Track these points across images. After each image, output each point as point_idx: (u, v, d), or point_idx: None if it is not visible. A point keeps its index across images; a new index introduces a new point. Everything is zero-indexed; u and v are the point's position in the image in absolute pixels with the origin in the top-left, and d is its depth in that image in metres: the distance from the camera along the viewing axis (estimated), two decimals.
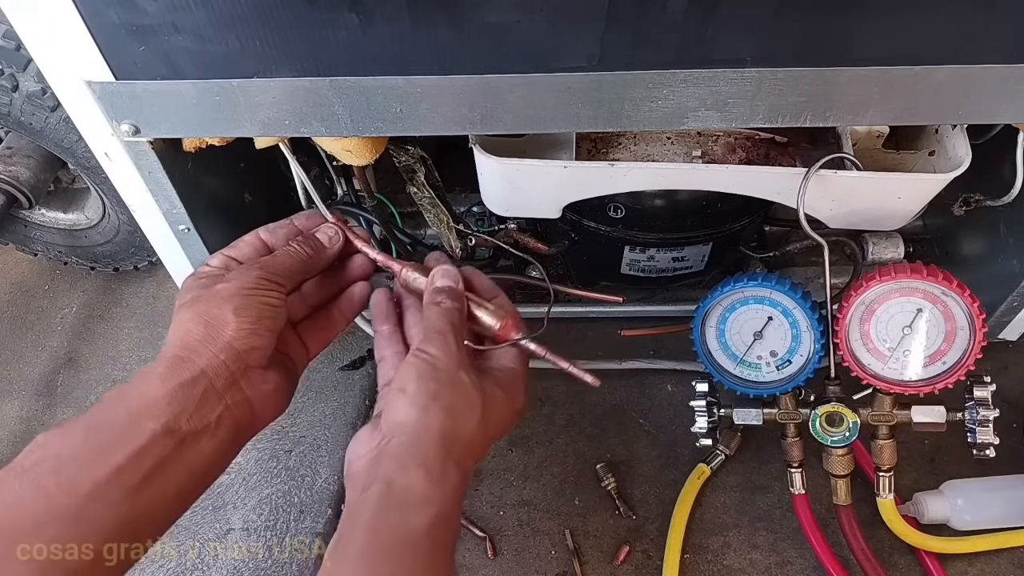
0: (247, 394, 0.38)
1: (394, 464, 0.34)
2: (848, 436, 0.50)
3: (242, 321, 0.37)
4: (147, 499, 0.33)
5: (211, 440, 0.36)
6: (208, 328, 0.37)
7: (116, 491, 0.32)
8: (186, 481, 0.35)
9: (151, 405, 0.34)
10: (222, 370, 0.36)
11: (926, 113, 0.39)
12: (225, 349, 0.36)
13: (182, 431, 0.34)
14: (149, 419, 0.34)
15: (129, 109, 0.40)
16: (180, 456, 0.34)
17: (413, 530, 0.33)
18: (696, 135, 0.51)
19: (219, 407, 0.36)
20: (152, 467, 0.33)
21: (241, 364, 0.37)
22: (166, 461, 0.33)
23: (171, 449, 0.34)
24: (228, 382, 0.36)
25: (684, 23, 0.35)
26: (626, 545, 0.56)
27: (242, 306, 0.37)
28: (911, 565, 0.54)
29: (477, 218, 0.61)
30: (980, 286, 0.48)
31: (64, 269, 0.78)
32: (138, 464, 0.32)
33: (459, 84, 0.38)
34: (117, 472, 0.32)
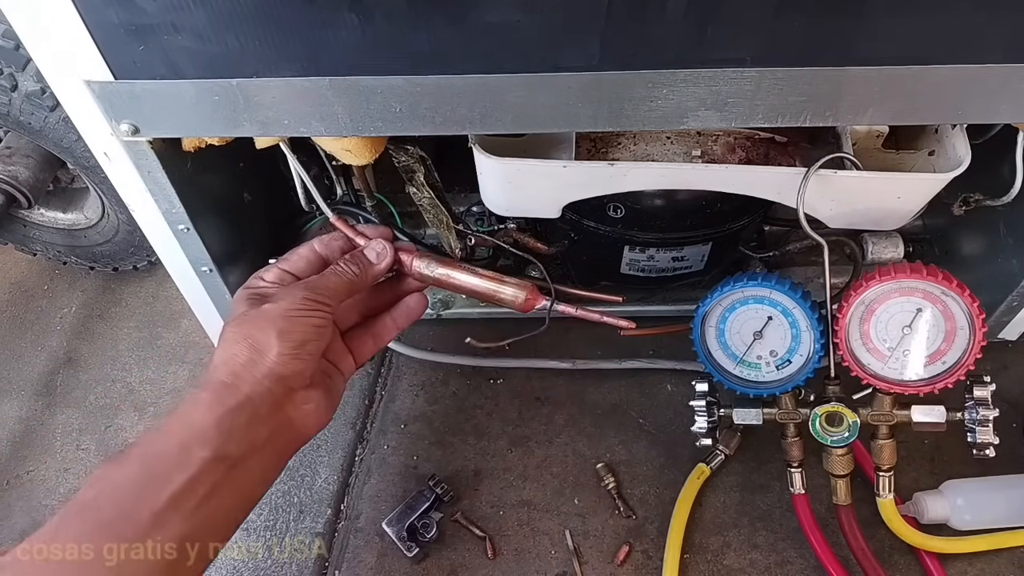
0: (290, 415, 0.39)
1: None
2: (848, 436, 0.50)
3: (284, 346, 0.38)
4: (203, 517, 0.35)
5: (260, 460, 0.37)
6: (252, 352, 0.38)
7: (174, 517, 0.33)
8: (239, 499, 0.37)
9: (200, 433, 0.36)
10: (267, 396, 0.38)
11: (926, 113, 0.39)
12: (269, 375, 0.38)
13: (232, 456, 0.36)
14: (200, 447, 0.35)
15: (128, 109, 0.40)
16: (232, 478, 0.36)
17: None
18: (696, 135, 0.51)
19: (265, 431, 0.37)
20: (206, 492, 0.35)
21: (285, 387, 0.38)
22: (219, 484, 0.35)
23: (223, 474, 0.35)
24: (272, 407, 0.38)
25: (684, 23, 0.35)
26: (626, 545, 0.56)
27: (286, 329, 0.38)
28: (911, 565, 0.54)
29: (477, 218, 0.61)
30: (980, 286, 0.48)
31: (63, 269, 0.78)
32: (193, 490, 0.34)
33: (459, 84, 0.38)
34: (173, 500, 0.34)
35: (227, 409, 0.36)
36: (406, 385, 0.66)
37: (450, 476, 0.60)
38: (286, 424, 0.39)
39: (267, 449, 0.38)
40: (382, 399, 0.66)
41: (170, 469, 0.34)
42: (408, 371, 0.67)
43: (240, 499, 0.37)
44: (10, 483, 0.64)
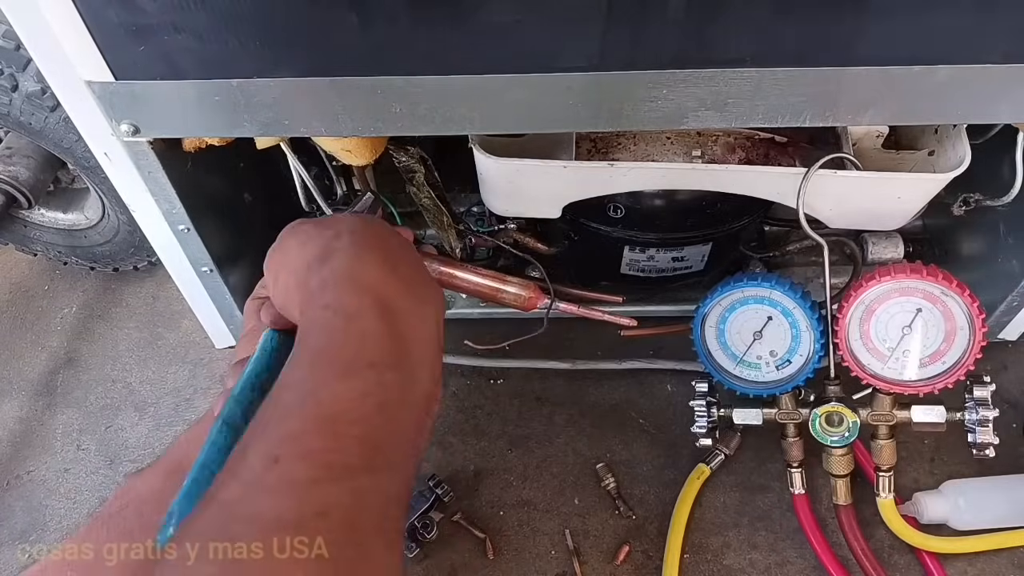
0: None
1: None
2: (848, 436, 0.50)
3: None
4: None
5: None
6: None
7: None
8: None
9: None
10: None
11: (926, 113, 0.39)
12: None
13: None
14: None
15: (129, 109, 0.40)
16: None
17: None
18: (696, 135, 0.51)
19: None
20: None
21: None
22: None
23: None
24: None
25: (684, 23, 0.35)
26: (626, 545, 0.56)
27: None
28: (911, 565, 0.54)
29: (477, 218, 0.61)
30: (980, 286, 0.48)
31: (64, 269, 0.78)
32: None
33: (459, 84, 0.38)
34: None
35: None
36: None
37: (450, 476, 0.60)
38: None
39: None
40: None
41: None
42: None
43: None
44: (10, 483, 0.64)
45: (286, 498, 0.23)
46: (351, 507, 0.23)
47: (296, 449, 0.24)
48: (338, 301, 0.28)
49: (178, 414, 0.67)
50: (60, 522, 0.62)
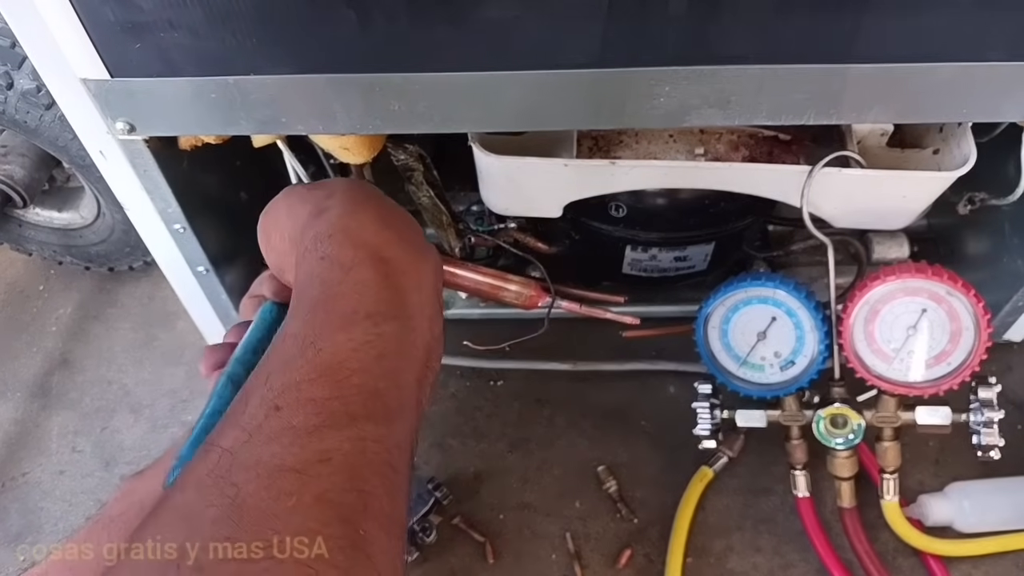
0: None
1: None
2: (852, 438, 0.49)
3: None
4: None
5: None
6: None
7: None
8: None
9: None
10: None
11: (931, 111, 0.39)
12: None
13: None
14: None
15: (124, 107, 0.39)
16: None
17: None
18: (698, 133, 0.51)
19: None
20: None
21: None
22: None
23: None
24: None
25: (686, 19, 0.35)
26: (628, 548, 0.55)
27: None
28: (915, 568, 0.53)
29: (476, 217, 0.60)
30: (985, 286, 0.47)
31: (59, 269, 0.77)
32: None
33: (458, 81, 0.37)
34: None
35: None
36: None
37: (449, 479, 0.59)
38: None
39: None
40: None
41: None
42: None
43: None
44: (5, 486, 0.63)
45: (288, 444, 0.23)
46: (353, 453, 0.23)
47: (297, 397, 0.24)
48: (335, 252, 0.28)
49: (174, 416, 0.66)
50: (56, 524, 0.61)
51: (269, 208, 0.33)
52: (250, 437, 0.23)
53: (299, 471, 0.22)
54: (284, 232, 0.31)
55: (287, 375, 0.25)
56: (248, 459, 0.22)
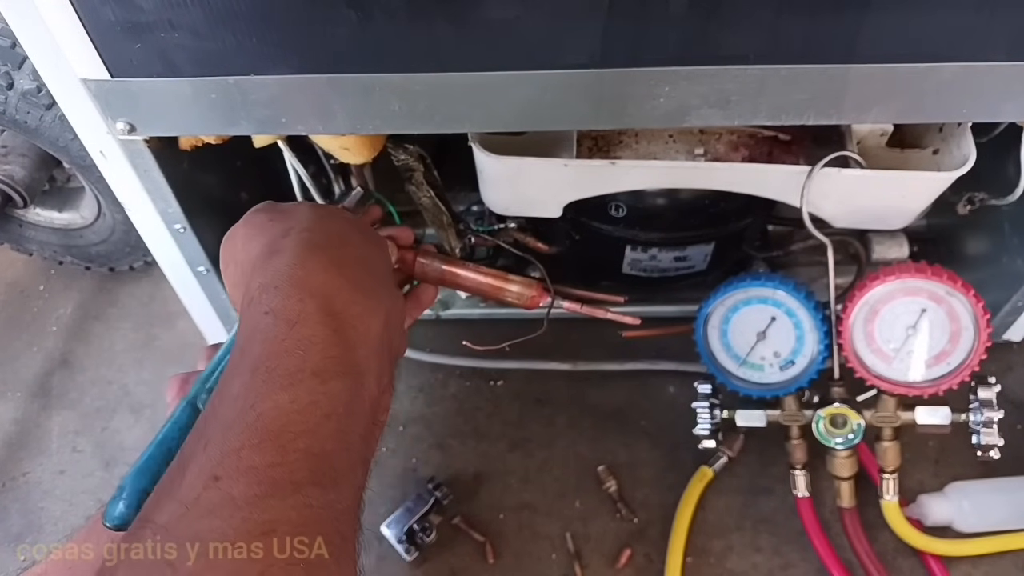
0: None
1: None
2: (852, 438, 0.49)
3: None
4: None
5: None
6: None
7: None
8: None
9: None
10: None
11: (930, 111, 0.39)
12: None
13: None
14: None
15: (125, 107, 0.39)
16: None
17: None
18: (698, 133, 0.51)
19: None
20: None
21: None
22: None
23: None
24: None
25: (686, 19, 0.35)
26: (628, 548, 0.55)
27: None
28: (915, 568, 0.53)
29: (477, 217, 0.60)
30: (985, 286, 0.47)
31: (59, 269, 0.77)
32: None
33: (458, 81, 0.37)
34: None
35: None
36: (405, 387, 0.65)
37: (449, 479, 0.59)
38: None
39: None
40: None
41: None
42: (407, 373, 0.66)
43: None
44: (6, 485, 0.63)
45: (228, 518, 0.21)
46: (299, 523, 0.22)
47: (237, 465, 0.23)
48: (280, 306, 0.27)
49: None
50: (56, 524, 0.61)
51: (229, 235, 0.32)
52: (187, 511, 0.22)
53: (239, 547, 0.21)
54: (237, 265, 0.31)
55: (226, 442, 0.23)
56: (185, 534, 0.21)
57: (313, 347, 0.26)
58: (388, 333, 0.30)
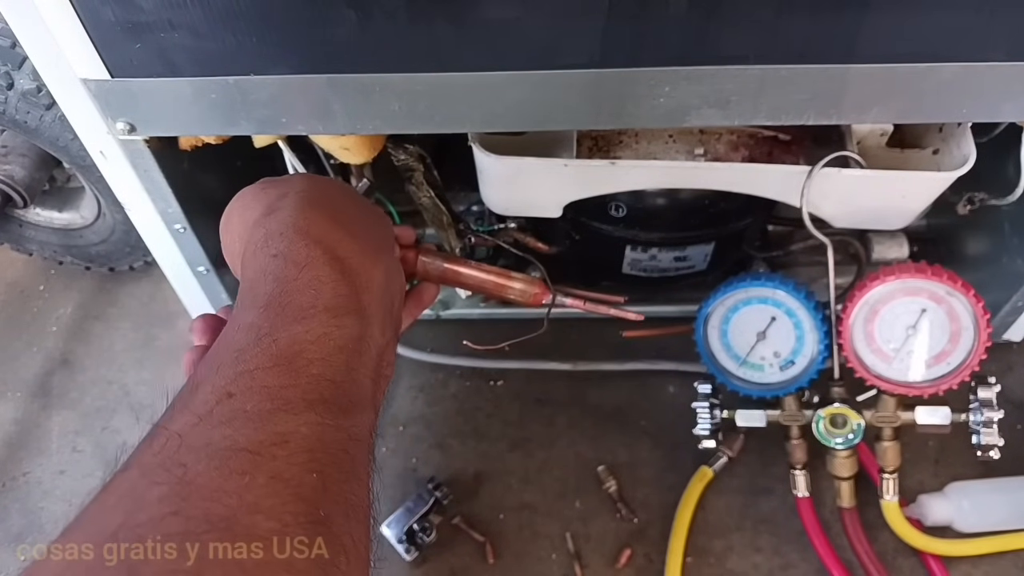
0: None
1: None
2: (852, 438, 0.49)
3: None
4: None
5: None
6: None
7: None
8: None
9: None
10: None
11: (930, 111, 0.39)
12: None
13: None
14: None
15: (125, 107, 0.39)
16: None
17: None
18: (698, 133, 0.51)
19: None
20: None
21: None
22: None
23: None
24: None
25: (686, 20, 0.35)
26: (628, 548, 0.55)
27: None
28: (915, 568, 0.53)
29: (476, 217, 0.60)
30: (985, 286, 0.47)
31: (59, 269, 0.77)
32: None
33: (458, 81, 0.37)
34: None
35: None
36: (405, 387, 0.65)
37: (450, 479, 0.59)
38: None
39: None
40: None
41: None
42: (407, 372, 0.66)
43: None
44: (6, 485, 0.63)
45: (240, 427, 0.21)
46: (310, 437, 0.22)
47: (251, 384, 0.23)
48: (287, 249, 0.27)
49: None
50: (56, 525, 0.61)
51: (226, 212, 0.33)
52: (200, 420, 0.22)
53: (252, 452, 0.21)
54: (236, 233, 0.31)
55: (239, 364, 0.23)
56: (197, 441, 0.21)
57: (323, 286, 0.26)
58: (389, 288, 0.30)
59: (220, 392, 0.23)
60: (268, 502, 0.20)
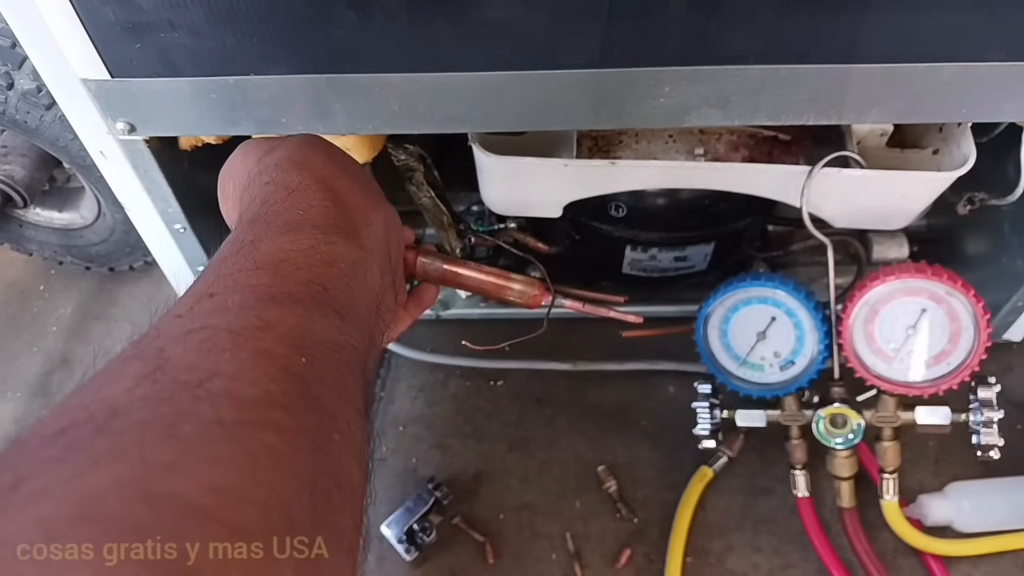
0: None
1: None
2: (852, 438, 0.49)
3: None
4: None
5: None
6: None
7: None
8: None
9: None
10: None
11: (930, 111, 0.39)
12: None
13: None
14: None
15: (125, 107, 0.39)
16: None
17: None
18: (698, 133, 0.51)
19: None
20: None
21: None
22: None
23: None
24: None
25: (686, 19, 0.35)
26: (628, 548, 0.55)
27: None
28: (915, 568, 0.53)
29: (477, 217, 0.60)
30: (985, 286, 0.47)
31: (59, 269, 0.77)
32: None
33: (458, 81, 0.37)
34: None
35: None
36: (405, 387, 0.65)
37: (449, 479, 0.59)
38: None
39: None
40: (381, 401, 0.65)
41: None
42: (407, 373, 0.66)
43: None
44: None
45: (222, 317, 0.20)
46: (298, 327, 0.20)
47: (233, 284, 0.21)
48: (281, 177, 0.26)
49: None
50: None
51: (228, 160, 0.32)
52: (180, 317, 0.20)
53: (235, 332, 0.19)
54: (236, 178, 0.30)
55: (221, 269, 0.22)
56: (177, 331, 0.19)
57: (313, 208, 0.25)
58: (388, 238, 0.29)
59: (200, 294, 0.21)
60: (252, 373, 0.18)
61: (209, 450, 0.16)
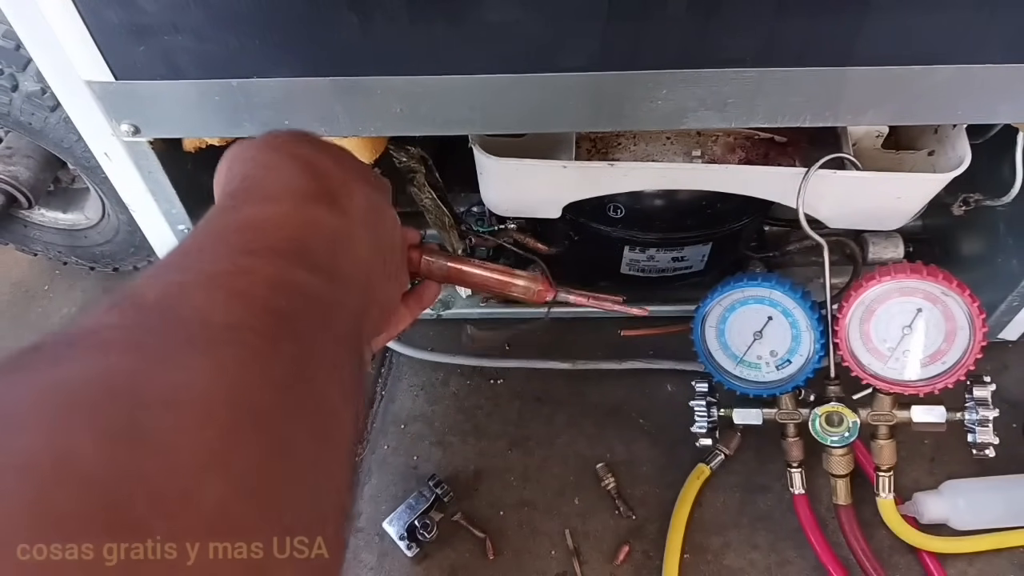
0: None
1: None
2: (848, 436, 0.50)
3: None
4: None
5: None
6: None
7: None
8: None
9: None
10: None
11: (925, 113, 0.39)
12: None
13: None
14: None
15: (129, 109, 0.40)
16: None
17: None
18: (696, 135, 0.51)
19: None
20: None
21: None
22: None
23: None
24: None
25: (684, 22, 0.35)
26: (626, 545, 0.56)
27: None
28: (911, 565, 0.54)
29: (477, 218, 0.61)
30: (980, 286, 0.48)
31: (64, 269, 0.78)
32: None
33: (459, 84, 0.38)
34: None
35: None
36: (406, 385, 0.66)
37: (450, 476, 0.60)
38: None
39: None
40: (382, 399, 0.65)
41: None
42: (408, 371, 0.66)
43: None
44: None
45: (199, 266, 0.19)
46: (276, 276, 0.19)
47: (213, 242, 0.21)
48: (261, 156, 0.26)
49: None
50: None
51: (227, 150, 0.32)
52: (155, 270, 0.20)
53: (210, 276, 0.18)
54: (233, 166, 0.29)
55: (199, 233, 0.21)
56: (150, 278, 0.19)
57: (293, 180, 0.25)
58: (376, 213, 0.28)
59: (177, 253, 0.21)
60: (227, 306, 0.18)
61: (175, 360, 0.16)
